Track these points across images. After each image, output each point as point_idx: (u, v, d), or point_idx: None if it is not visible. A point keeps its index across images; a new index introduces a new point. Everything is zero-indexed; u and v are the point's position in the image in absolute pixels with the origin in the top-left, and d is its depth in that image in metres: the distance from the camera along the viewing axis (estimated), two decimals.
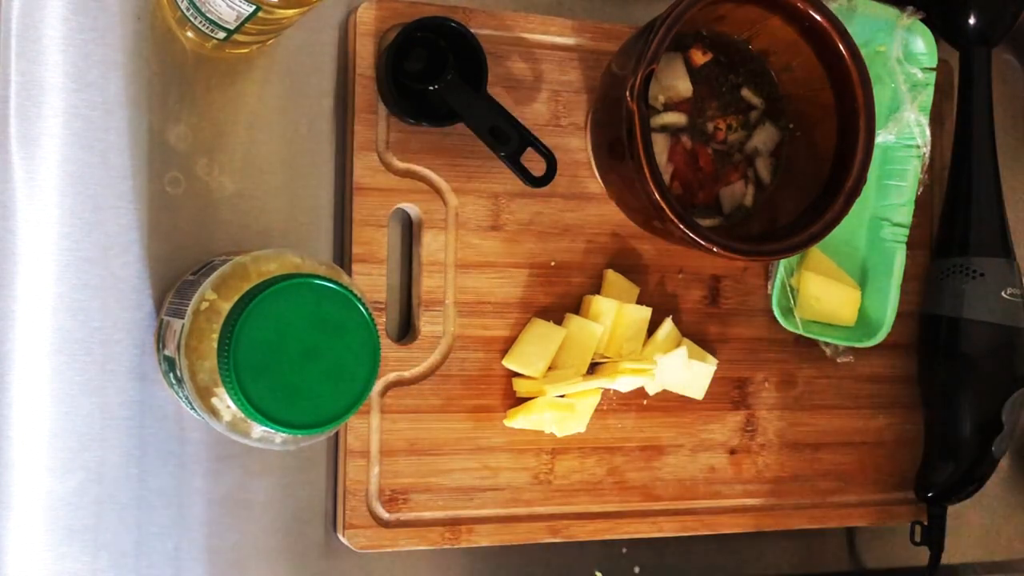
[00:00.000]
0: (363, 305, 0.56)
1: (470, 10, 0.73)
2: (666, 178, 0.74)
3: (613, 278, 0.76)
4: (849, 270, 0.80)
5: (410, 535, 0.71)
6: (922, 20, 0.79)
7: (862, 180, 0.71)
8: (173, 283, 0.67)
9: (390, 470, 0.71)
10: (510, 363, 0.73)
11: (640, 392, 0.76)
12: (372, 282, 0.71)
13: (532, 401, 0.73)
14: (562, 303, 0.75)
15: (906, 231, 0.79)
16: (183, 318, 0.58)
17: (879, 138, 0.76)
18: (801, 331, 0.78)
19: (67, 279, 0.66)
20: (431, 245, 0.72)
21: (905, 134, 0.79)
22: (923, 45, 0.79)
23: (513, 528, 0.74)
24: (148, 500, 0.68)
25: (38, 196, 0.66)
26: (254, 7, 0.59)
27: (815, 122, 0.75)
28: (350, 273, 0.70)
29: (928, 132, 0.79)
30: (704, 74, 0.76)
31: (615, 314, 0.74)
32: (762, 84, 0.77)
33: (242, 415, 0.55)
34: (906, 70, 0.79)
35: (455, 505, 0.72)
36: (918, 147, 0.79)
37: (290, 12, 0.60)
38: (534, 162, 0.71)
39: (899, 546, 0.85)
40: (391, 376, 0.71)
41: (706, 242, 0.68)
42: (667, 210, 0.67)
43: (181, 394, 0.61)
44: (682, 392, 0.76)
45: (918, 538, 0.83)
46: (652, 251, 0.77)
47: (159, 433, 0.68)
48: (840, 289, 0.79)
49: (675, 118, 0.75)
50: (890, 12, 0.79)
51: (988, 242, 0.80)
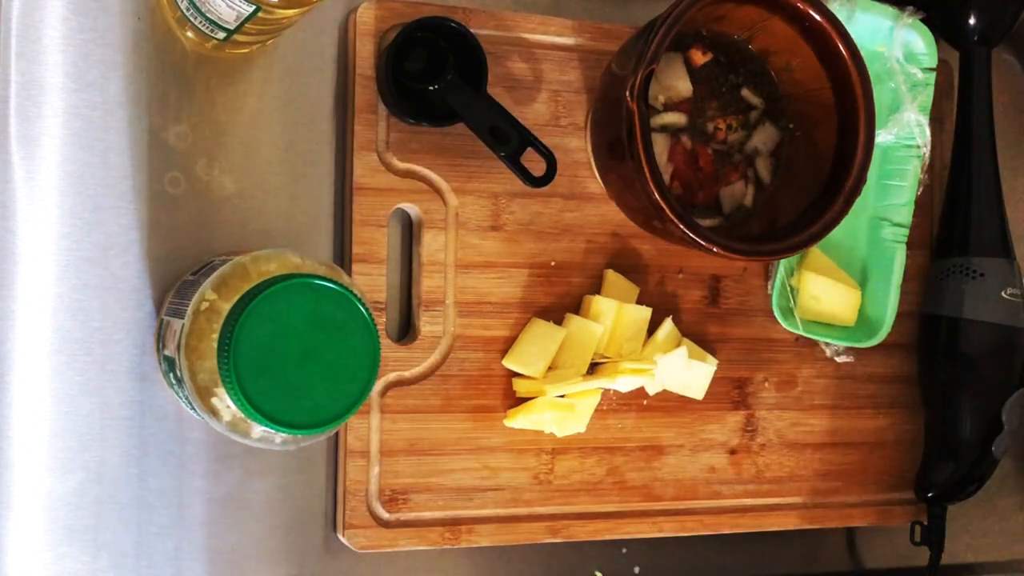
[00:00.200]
0: (363, 305, 0.56)
1: (470, 10, 0.73)
2: (666, 178, 0.74)
3: (613, 278, 0.76)
4: (849, 270, 0.80)
5: (410, 535, 0.71)
6: (922, 20, 0.79)
7: (862, 180, 0.71)
8: (173, 283, 0.67)
9: (390, 470, 0.71)
10: (510, 363, 0.73)
11: (640, 392, 0.76)
12: (372, 282, 0.71)
13: (532, 401, 0.73)
14: (562, 303, 0.75)
15: (906, 231, 0.79)
16: (183, 318, 0.58)
17: (879, 138, 0.76)
18: (801, 331, 0.78)
19: (67, 279, 0.66)
20: (431, 245, 0.72)
21: (905, 134, 0.79)
22: (923, 45, 0.79)
23: (513, 528, 0.74)
24: (148, 500, 0.68)
25: (38, 196, 0.66)
26: (254, 7, 0.59)
27: (815, 122, 0.75)
28: (350, 273, 0.70)
29: (928, 132, 0.79)
30: (704, 74, 0.76)
31: (615, 314, 0.74)
32: (762, 84, 0.77)
33: (242, 415, 0.55)
34: (906, 70, 0.79)
35: (455, 505, 0.72)
36: (918, 147, 0.79)
37: (290, 12, 0.60)
38: (534, 162, 0.71)
39: (899, 546, 0.85)
40: (391, 376, 0.71)
41: (706, 242, 0.68)
42: (667, 210, 0.67)
43: (181, 394, 0.61)
44: (682, 392, 0.76)
45: (918, 538, 0.83)
46: (652, 251, 0.77)
47: (159, 433, 0.68)
48: (840, 289, 0.79)
49: (675, 118, 0.75)
50: (890, 12, 0.79)
51: (988, 242, 0.80)
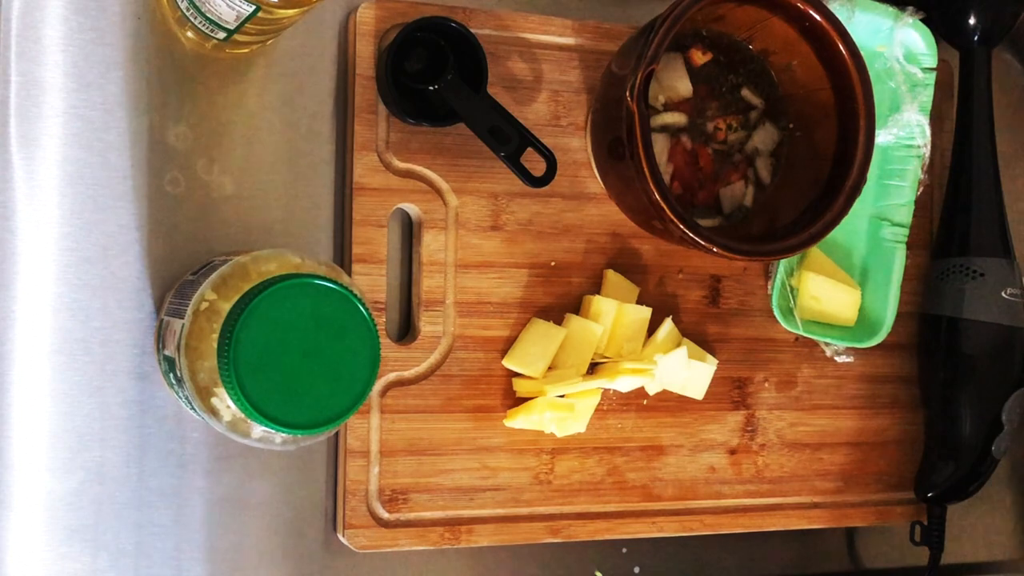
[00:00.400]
0: (363, 305, 0.56)
1: (470, 10, 0.73)
2: (666, 178, 0.74)
3: (613, 278, 0.76)
4: (849, 270, 0.80)
5: (410, 535, 0.71)
6: (922, 20, 0.79)
7: (862, 180, 0.71)
8: (173, 283, 0.67)
9: (390, 470, 0.71)
10: (510, 363, 0.73)
11: (640, 392, 0.76)
12: (372, 282, 0.71)
13: (532, 401, 0.73)
14: (562, 303, 0.75)
15: (906, 231, 0.79)
16: (183, 318, 0.58)
17: (879, 138, 0.76)
18: (801, 331, 0.78)
19: (67, 279, 0.66)
20: (431, 245, 0.72)
21: (905, 134, 0.79)
22: (923, 45, 0.79)
23: (513, 528, 0.74)
24: (148, 500, 0.68)
25: (38, 196, 0.66)
26: (254, 7, 0.59)
27: (815, 122, 0.75)
28: (350, 273, 0.70)
29: (928, 132, 0.79)
30: (704, 74, 0.76)
31: (615, 314, 0.74)
32: (762, 84, 0.77)
33: (242, 415, 0.55)
34: (906, 70, 0.79)
35: (455, 505, 0.72)
36: (918, 147, 0.79)
37: (290, 12, 0.60)
38: (534, 162, 0.71)
39: (899, 546, 0.85)
40: (391, 376, 0.71)
41: (706, 242, 0.68)
42: (667, 210, 0.67)
43: (181, 394, 0.61)
44: (682, 392, 0.76)
45: (918, 538, 0.83)
46: (652, 251, 0.77)
47: (159, 433, 0.68)
48: (840, 289, 0.79)
49: (675, 118, 0.75)
50: (890, 12, 0.79)
51: (988, 242, 0.80)
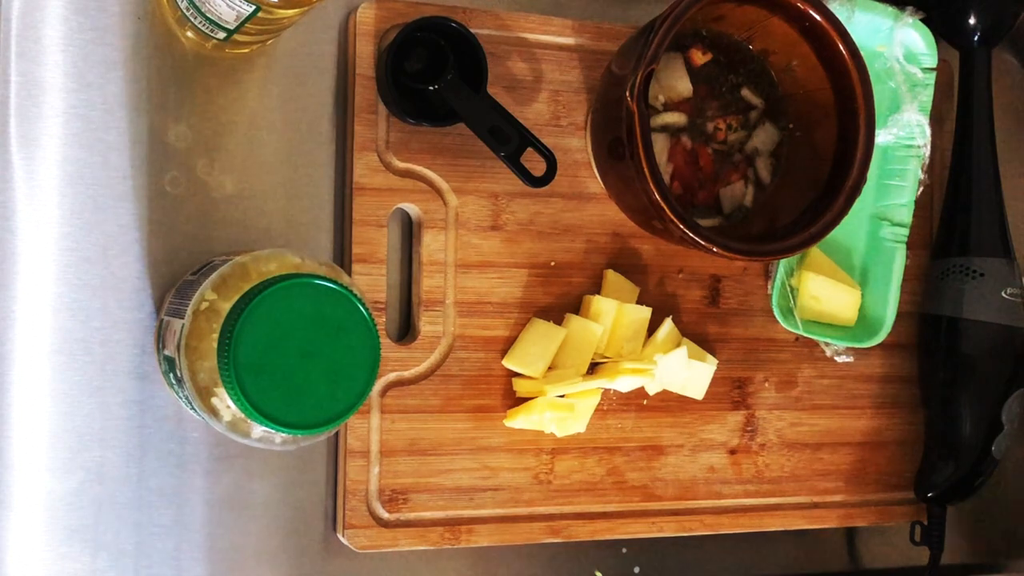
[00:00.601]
0: (363, 305, 0.56)
1: (470, 10, 0.73)
2: (666, 178, 0.74)
3: (613, 278, 0.76)
4: (849, 270, 0.80)
5: (410, 535, 0.71)
6: (922, 20, 0.79)
7: (862, 180, 0.71)
8: (173, 283, 0.67)
9: (390, 470, 0.71)
10: (510, 363, 0.73)
11: (640, 392, 0.76)
12: (372, 282, 0.71)
13: (532, 401, 0.73)
14: (562, 303, 0.75)
15: (906, 231, 0.79)
16: (183, 318, 0.58)
17: (879, 138, 0.76)
18: (801, 331, 0.78)
19: (67, 279, 0.66)
20: (431, 245, 0.72)
21: (905, 134, 0.79)
22: (923, 45, 0.79)
23: (513, 528, 0.74)
24: (148, 500, 0.68)
25: (38, 196, 0.66)
26: (254, 7, 0.59)
27: (815, 122, 0.75)
28: (350, 273, 0.70)
29: (928, 132, 0.79)
30: (704, 74, 0.76)
31: (615, 314, 0.74)
32: (762, 84, 0.77)
33: (242, 415, 0.55)
34: (906, 70, 0.79)
35: (455, 505, 0.72)
36: (918, 147, 0.79)
37: (290, 12, 0.60)
38: (534, 162, 0.71)
39: (899, 546, 0.85)
40: (391, 376, 0.71)
41: (706, 242, 0.68)
42: (667, 210, 0.67)
43: (181, 394, 0.61)
44: (682, 392, 0.76)
45: (918, 538, 0.83)
46: (652, 251, 0.77)
47: (159, 433, 0.68)
48: (840, 289, 0.79)
49: (675, 118, 0.75)
50: (890, 12, 0.79)
51: (988, 242, 0.80)
